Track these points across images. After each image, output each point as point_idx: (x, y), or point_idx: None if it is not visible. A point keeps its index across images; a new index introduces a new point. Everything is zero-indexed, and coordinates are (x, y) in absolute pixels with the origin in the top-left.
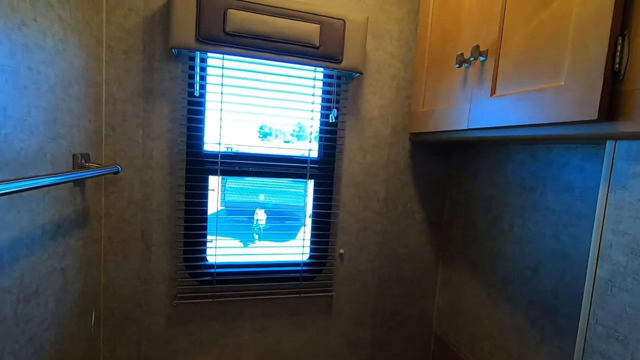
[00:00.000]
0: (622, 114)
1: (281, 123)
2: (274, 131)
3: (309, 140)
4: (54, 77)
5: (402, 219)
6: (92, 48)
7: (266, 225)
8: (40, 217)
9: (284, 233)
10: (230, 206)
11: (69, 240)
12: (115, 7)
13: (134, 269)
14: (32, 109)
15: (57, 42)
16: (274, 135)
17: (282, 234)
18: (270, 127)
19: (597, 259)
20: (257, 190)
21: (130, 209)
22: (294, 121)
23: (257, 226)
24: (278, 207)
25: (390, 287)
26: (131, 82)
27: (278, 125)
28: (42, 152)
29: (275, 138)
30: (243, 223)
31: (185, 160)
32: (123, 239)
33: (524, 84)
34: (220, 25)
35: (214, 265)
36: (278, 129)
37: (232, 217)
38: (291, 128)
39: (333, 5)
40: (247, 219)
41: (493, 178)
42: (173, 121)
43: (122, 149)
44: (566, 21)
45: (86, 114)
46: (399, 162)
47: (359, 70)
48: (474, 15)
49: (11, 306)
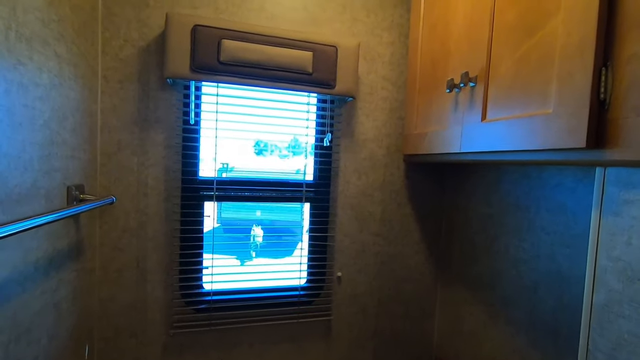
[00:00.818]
0: (610, 142)
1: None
2: (270, 146)
3: (304, 163)
4: (50, 111)
5: (400, 239)
6: (88, 79)
7: (263, 242)
8: (33, 253)
9: (281, 250)
10: (227, 223)
11: (63, 274)
12: (111, 39)
13: (129, 298)
14: (26, 145)
15: (53, 77)
16: (269, 150)
17: (280, 251)
18: (266, 143)
19: (592, 285)
20: (254, 206)
21: (125, 237)
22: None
23: (254, 243)
24: (275, 224)
25: (389, 309)
26: (126, 111)
27: (273, 142)
28: (36, 187)
29: (271, 153)
30: (240, 240)
31: (181, 187)
32: (118, 269)
33: (513, 110)
34: (215, 55)
35: (210, 293)
36: (274, 144)
37: (228, 234)
38: (287, 144)
39: (325, 32)
40: (244, 236)
41: (488, 198)
42: (168, 148)
43: (117, 177)
44: (552, 50)
45: (81, 144)
46: (394, 183)
47: (352, 94)
48: (463, 42)
49: (2, 347)
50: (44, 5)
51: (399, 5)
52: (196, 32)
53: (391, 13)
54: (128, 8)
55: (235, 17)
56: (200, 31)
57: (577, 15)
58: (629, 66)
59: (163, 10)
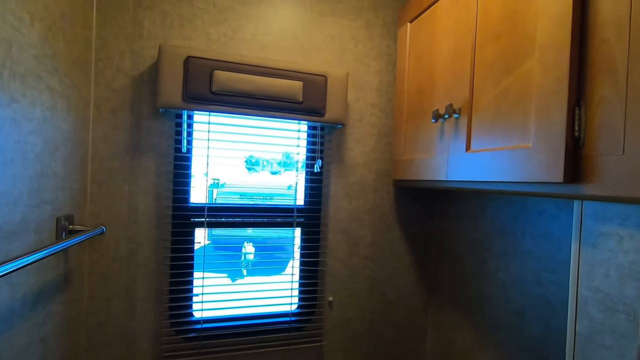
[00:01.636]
0: (586, 177)
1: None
2: (262, 162)
3: (295, 188)
4: (41, 144)
5: (390, 263)
6: (80, 110)
7: (255, 259)
8: (20, 289)
9: (273, 268)
10: (218, 241)
11: (50, 307)
12: (104, 69)
13: (117, 328)
14: (17, 180)
15: (45, 111)
16: (261, 165)
17: (271, 268)
18: (257, 160)
19: (575, 315)
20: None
21: (114, 265)
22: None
23: (245, 260)
24: (267, 241)
25: (381, 333)
26: (118, 139)
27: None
28: (25, 221)
29: (263, 168)
30: (231, 257)
31: (172, 214)
32: (106, 297)
33: (496, 142)
34: (207, 85)
35: (200, 321)
36: (265, 159)
37: (219, 252)
38: (278, 167)
39: (315, 62)
40: (235, 254)
41: (475, 222)
42: (159, 175)
43: (108, 205)
44: (529, 88)
45: (72, 174)
46: (384, 207)
47: (342, 122)
48: (447, 74)
49: None
50: (38, 42)
51: (385, 36)
52: (189, 63)
53: (379, 43)
54: (122, 39)
55: (228, 47)
56: (193, 62)
57: (551, 56)
58: (599, 107)
59: (156, 41)
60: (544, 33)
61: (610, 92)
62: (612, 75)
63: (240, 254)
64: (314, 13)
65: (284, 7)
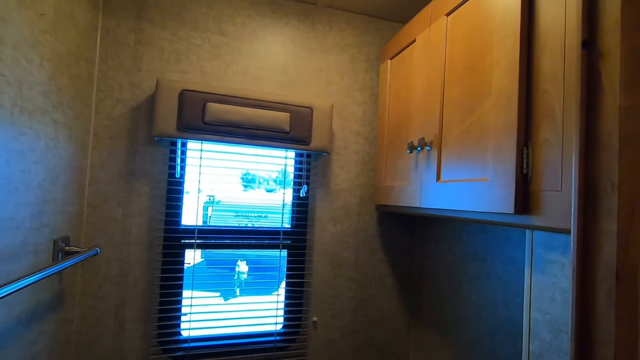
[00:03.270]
0: (533, 210)
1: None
2: (258, 178)
3: (282, 213)
4: (44, 172)
5: (373, 284)
6: (80, 138)
7: (248, 278)
8: (17, 308)
9: (266, 288)
10: (211, 259)
11: (43, 325)
12: (104, 99)
13: (106, 347)
14: (20, 206)
15: (48, 141)
16: (257, 182)
17: (264, 289)
18: (254, 176)
19: (528, 336)
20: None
21: (105, 285)
22: (268, 196)
23: (238, 279)
24: (260, 260)
25: (364, 354)
26: (114, 165)
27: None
28: (25, 244)
29: (259, 186)
30: (224, 277)
31: (163, 236)
32: (97, 317)
33: (462, 174)
34: (200, 116)
35: (187, 340)
36: (261, 176)
37: (212, 270)
38: (273, 175)
39: (303, 94)
40: (228, 272)
41: (451, 246)
42: (152, 199)
43: (102, 227)
44: (487, 128)
45: (70, 198)
46: (367, 230)
47: (326, 150)
48: (420, 110)
49: None
50: (46, 79)
51: (369, 70)
52: (183, 96)
53: (362, 76)
54: (122, 73)
55: (221, 80)
56: (187, 95)
57: (503, 101)
58: (542, 148)
59: (154, 74)
60: (497, 81)
61: (550, 135)
62: (551, 120)
63: (234, 272)
64: (303, 49)
65: (275, 44)
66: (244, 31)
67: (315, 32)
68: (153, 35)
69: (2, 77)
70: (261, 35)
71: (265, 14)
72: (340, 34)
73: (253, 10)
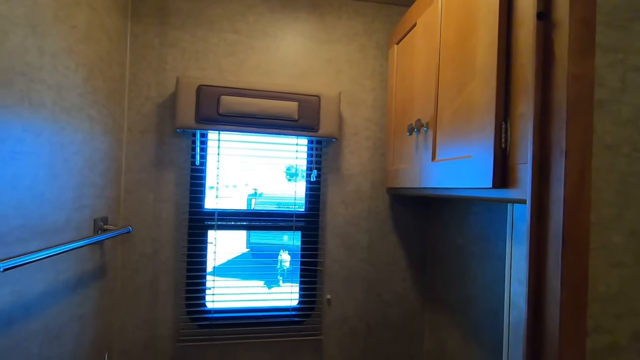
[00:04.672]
0: (511, 183)
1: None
2: (300, 172)
3: (294, 197)
4: (82, 161)
5: (386, 266)
6: (115, 133)
7: (290, 267)
8: (64, 274)
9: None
10: (255, 249)
11: (88, 291)
12: (135, 98)
13: (143, 315)
14: (63, 190)
15: (86, 134)
16: (299, 175)
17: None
18: (297, 169)
19: (509, 307)
20: (281, 233)
21: (141, 261)
22: (282, 180)
23: (281, 268)
24: (301, 249)
25: (378, 332)
26: (145, 155)
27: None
28: (69, 221)
29: (302, 178)
30: (267, 265)
31: (188, 218)
32: (135, 288)
33: (453, 153)
34: (215, 108)
35: (211, 310)
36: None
37: (257, 259)
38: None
39: (313, 84)
40: (272, 261)
41: (460, 228)
42: (178, 186)
43: (136, 211)
44: (472, 107)
45: (108, 184)
46: (379, 214)
47: (335, 136)
48: (420, 92)
49: (37, 347)
50: (81, 82)
51: (379, 57)
52: (200, 91)
53: (372, 64)
54: (149, 73)
55: (236, 75)
56: (204, 90)
57: (486, 77)
58: (519, 123)
59: (177, 73)
60: (480, 59)
61: (525, 109)
62: (527, 94)
63: (277, 260)
64: (312, 41)
65: (285, 39)
66: (256, 28)
67: (325, 23)
68: (175, 37)
69: (43, 82)
70: (272, 31)
71: (275, 9)
72: (350, 23)
73: (264, 8)
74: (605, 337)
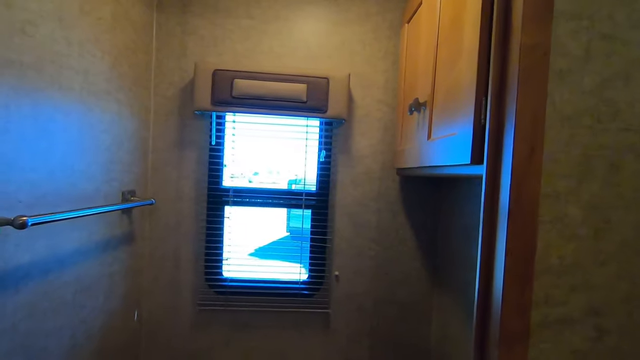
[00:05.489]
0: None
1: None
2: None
3: (303, 175)
4: (110, 139)
5: (395, 246)
6: (142, 115)
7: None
8: (95, 235)
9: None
10: (295, 232)
11: (117, 253)
12: (160, 83)
13: (167, 279)
14: (91, 163)
15: (113, 115)
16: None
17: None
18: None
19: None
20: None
21: (166, 232)
22: (293, 158)
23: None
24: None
25: (385, 310)
26: (169, 136)
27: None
28: (97, 191)
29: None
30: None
31: (207, 194)
32: (160, 256)
33: (443, 131)
34: (229, 91)
35: (227, 279)
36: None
37: (295, 242)
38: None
39: (324, 66)
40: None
41: (465, 208)
42: (198, 164)
43: (161, 186)
44: (460, 84)
45: (135, 161)
46: (389, 194)
47: (343, 117)
48: (421, 72)
49: (71, 294)
50: (107, 68)
51: (392, 37)
52: (215, 75)
53: (385, 44)
54: (172, 59)
55: (250, 59)
56: (219, 74)
57: (470, 55)
58: None
59: (197, 58)
60: (467, 36)
61: None
62: None
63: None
64: (325, 23)
65: (297, 22)
66: (270, 13)
67: (338, 5)
68: (195, 25)
69: (71, 68)
70: (284, 14)
71: None
72: (363, 3)
73: None
74: (558, 309)
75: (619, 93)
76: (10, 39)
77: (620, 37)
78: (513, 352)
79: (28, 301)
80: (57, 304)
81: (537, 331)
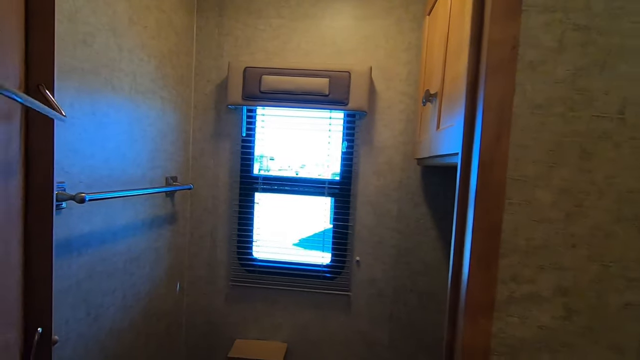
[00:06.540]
0: None
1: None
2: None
3: (327, 166)
4: (155, 132)
5: (415, 236)
6: (184, 110)
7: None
8: (141, 214)
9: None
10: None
11: (162, 231)
12: (200, 81)
13: (205, 257)
14: (140, 152)
15: (158, 111)
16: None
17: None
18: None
19: None
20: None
21: (205, 214)
22: (318, 149)
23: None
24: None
25: (406, 298)
26: (207, 128)
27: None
28: (144, 176)
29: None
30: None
31: (239, 181)
32: (200, 235)
33: (447, 122)
34: (257, 86)
35: (257, 259)
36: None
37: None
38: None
39: (347, 60)
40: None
41: None
42: (232, 153)
43: (201, 173)
44: (461, 77)
45: (177, 151)
46: (410, 185)
47: (364, 109)
48: (435, 64)
49: (122, 262)
50: (153, 70)
51: (416, 29)
52: (246, 72)
53: (409, 37)
54: (210, 60)
55: (279, 56)
56: (248, 71)
57: (468, 45)
58: None
59: (231, 58)
60: (465, 29)
61: None
62: None
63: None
64: (350, 18)
65: (324, 19)
66: (298, 11)
67: (363, 1)
68: (230, 27)
69: (122, 71)
70: (312, 12)
71: None
72: None
73: None
74: (525, 286)
75: (594, 82)
76: (74, 49)
77: (596, 27)
78: (478, 323)
79: (88, 264)
80: (111, 269)
81: (504, 306)
